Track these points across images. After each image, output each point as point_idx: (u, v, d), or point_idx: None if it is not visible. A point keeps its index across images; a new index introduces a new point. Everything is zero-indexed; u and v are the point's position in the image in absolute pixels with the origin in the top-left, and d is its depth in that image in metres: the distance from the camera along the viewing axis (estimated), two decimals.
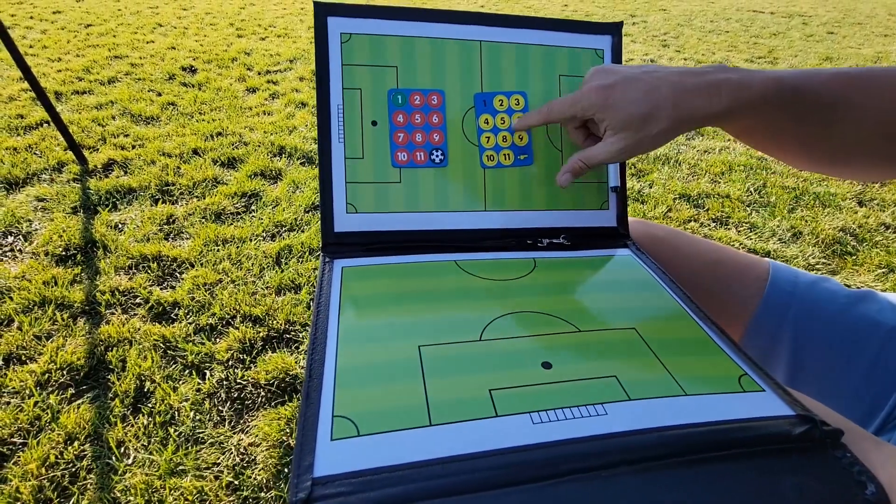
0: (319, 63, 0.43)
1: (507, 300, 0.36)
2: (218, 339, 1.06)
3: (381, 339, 0.31)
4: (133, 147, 1.87)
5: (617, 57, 0.48)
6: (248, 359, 1.02)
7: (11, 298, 1.12)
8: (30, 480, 0.78)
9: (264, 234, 1.41)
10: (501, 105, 0.45)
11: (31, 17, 3.79)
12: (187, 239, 1.38)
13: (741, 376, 0.29)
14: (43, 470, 0.79)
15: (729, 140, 2.17)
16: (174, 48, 3.16)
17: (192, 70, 2.78)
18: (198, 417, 0.90)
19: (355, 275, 0.38)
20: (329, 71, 0.43)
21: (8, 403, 0.90)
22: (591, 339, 0.32)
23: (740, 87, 0.34)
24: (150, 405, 0.91)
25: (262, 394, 0.95)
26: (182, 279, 1.22)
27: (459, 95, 0.45)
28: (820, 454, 0.24)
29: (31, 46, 3.01)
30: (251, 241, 1.38)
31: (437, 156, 0.44)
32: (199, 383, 0.96)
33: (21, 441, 0.84)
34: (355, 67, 0.43)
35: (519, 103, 0.46)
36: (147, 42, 3.28)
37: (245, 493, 0.79)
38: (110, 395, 0.93)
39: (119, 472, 0.80)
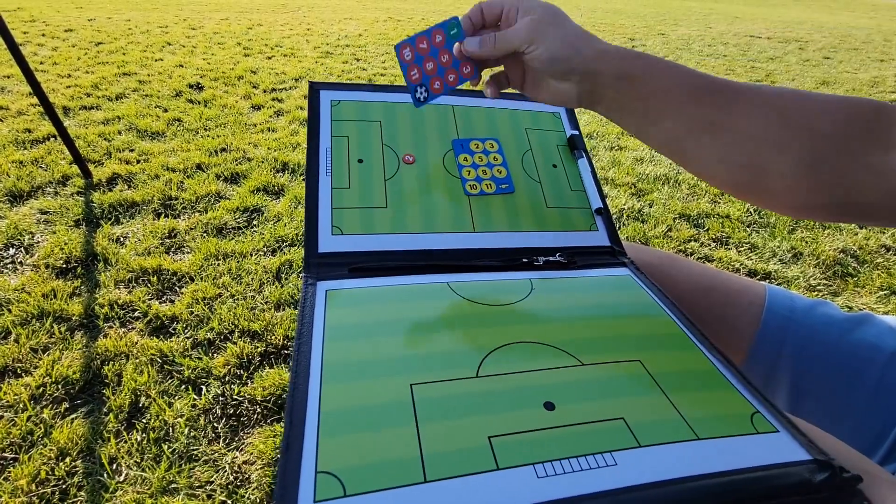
0: (311, 120, 0.48)
1: (503, 328, 0.35)
2: (215, 354, 1.05)
3: (368, 375, 0.30)
4: (138, 161, 1.89)
5: (572, 118, 0.55)
6: (245, 374, 1.01)
7: (10, 311, 1.11)
8: (19, 497, 0.76)
9: (265, 249, 1.42)
10: (477, 147, 0.50)
11: (44, 35, 3.87)
12: (188, 253, 1.38)
13: (753, 414, 0.28)
14: (33, 486, 0.78)
15: None
16: (182, 66, 3.22)
17: (199, 87, 2.83)
18: (192, 434, 0.88)
19: (340, 299, 0.37)
20: (319, 124, 0.48)
21: (1, 417, 0.89)
22: (595, 375, 0.31)
23: (628, 49, 0.39)
24: (144, 421, 0.90)
25: (259, 410, 0.94)
26: (181, 293, 1.22)
27: (438, 141, 0.49)
28: (838, 502, 0.23)
29: (41, 63, 3.07)
30: (252, 255, 1.38)
31: (420, 93, 0.44)
32: (194, 399, 0.95)
33: (12, 456, 0.83)
34: (343, 122, 0.49)
35: (493, 147, 0.50)
36: (156, 60, 3.34)
37: None
38: (104, 409, 0.92)
39: (110, 490, 0.79)
